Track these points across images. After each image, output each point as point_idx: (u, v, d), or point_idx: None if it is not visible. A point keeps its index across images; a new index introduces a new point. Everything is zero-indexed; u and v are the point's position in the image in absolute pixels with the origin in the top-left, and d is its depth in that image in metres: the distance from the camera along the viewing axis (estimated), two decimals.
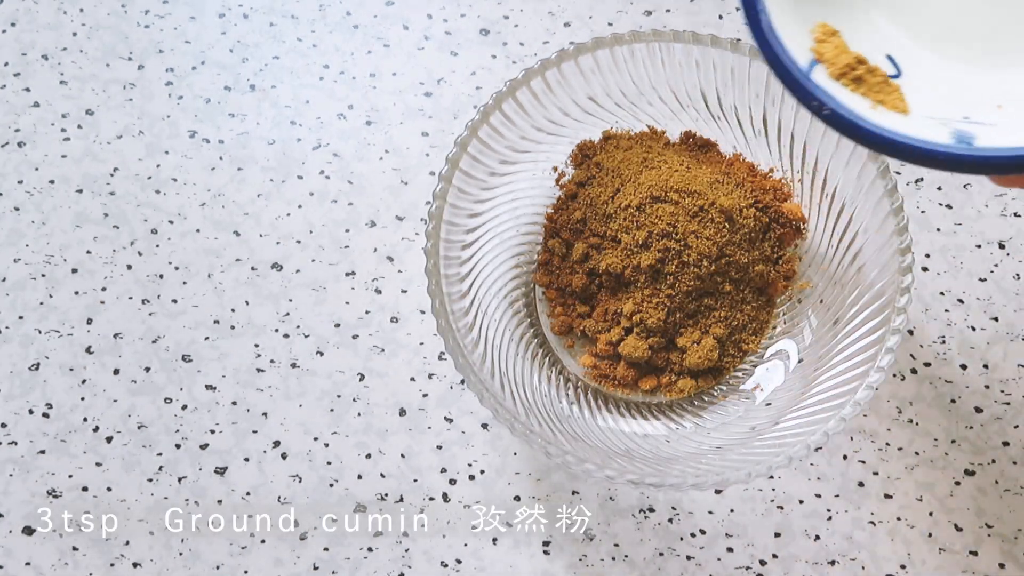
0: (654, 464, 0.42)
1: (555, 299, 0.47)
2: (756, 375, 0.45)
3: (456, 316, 0.43)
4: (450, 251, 0.44)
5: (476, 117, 0.44)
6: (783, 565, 0.44)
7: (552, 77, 0.45)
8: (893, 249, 0.41)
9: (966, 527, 0.45)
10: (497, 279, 0.46)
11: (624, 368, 0.45)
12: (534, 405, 0.44)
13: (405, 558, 0.45)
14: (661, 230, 0.44)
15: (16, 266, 0.49)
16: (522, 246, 0.48)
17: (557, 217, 0.47)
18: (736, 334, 0.45)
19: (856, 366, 0.41)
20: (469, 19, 0.54)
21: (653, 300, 0.44)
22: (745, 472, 0.39)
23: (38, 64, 0.53)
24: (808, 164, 0.46)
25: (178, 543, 0.45)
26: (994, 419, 0.47)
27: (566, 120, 0.47)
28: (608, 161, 0.46)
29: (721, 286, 0.44)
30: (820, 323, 0.45)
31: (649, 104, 0.47)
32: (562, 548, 0.45)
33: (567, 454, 0.40)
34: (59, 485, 0.46)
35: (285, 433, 0.47)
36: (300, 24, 0.54)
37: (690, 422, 0.45)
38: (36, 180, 0.51)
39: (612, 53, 0.45)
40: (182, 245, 0.50)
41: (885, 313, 0.41)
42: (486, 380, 0.42)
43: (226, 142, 0.52)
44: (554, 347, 0.47)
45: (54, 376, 0.48)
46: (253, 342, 0.48)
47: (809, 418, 0.41)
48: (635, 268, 0.44)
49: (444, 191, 0.43)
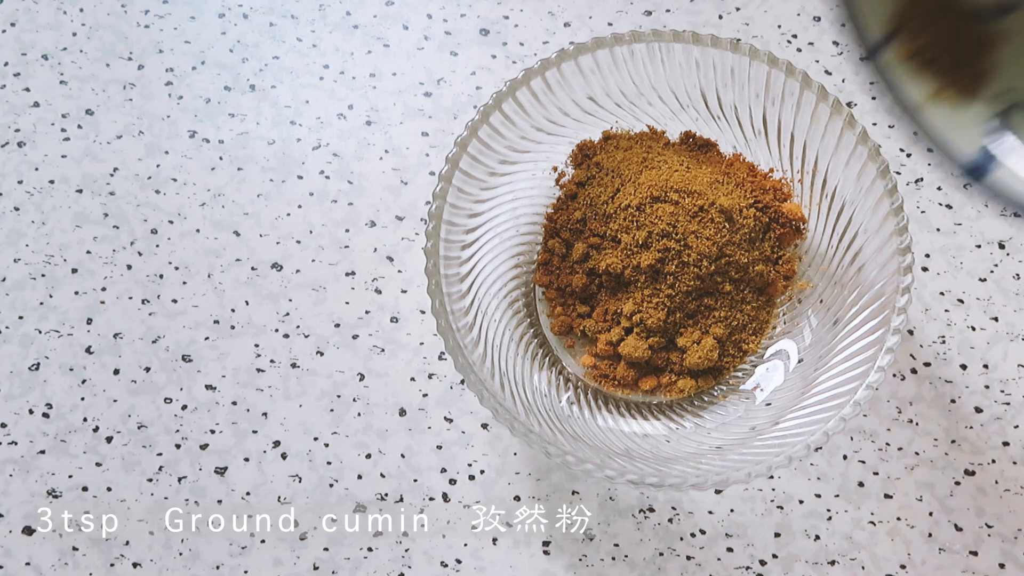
0: (654, 464, 0.42)
1: (555, 299, 0.47)
2: (756, 375, 0.45)
3: (456, 316, 0.43)
4: (450, 251, 0.44)
5: (476, 117, 0.44)
6: (783, 565, 0.44)
7: (552, 77, 0.45)
8: (893, 249, 0.41)
9: (966, 527, 0.45)
10: (497, 279, 0.46)
11: (624, 368, 0.45)
12: (534, 405, 0.44)
13: (405, 558, 0.45)
14: (661, 230, 0.44)
15: (16, 266, 0.49)
16: (522, 246, 0.48)
17: (557, 217, 0.47)
18: (736, 334, 0.45)
19: (856, 366, 0.41)
20: (469, 19, 0.54)
21: (653, 300, 0.44)
22: (745, 472, 0.39)
23: (38, 64, 0.53)
24: (808, 164, 0.46)
25: (178, 543, 0.45)
26: (994, 419, 0.47)
27: (566, 120, 0.47)
28: (608, 161, 0.46)
29: (721, 286, 0.44)
30: (820, 323, 0.45)
31: (649, 104, 0.47)
32: (562, 548, 0.45)
33: (567, 454, 0.40)
34: (59, 485, 0.46)
35: (285, 433, 0.47)
36: (300, 24, 0.54)
37: (690, 422, 0.45)
38: (36, 180, 0.51)
39: (612, 53, 0.45)
40: (182, 245, 0.50)
41: (885, 313, 0.41)
42: (486, 380, 0.42)
43: (226, 142, 0.52)
44: (554, 347, 0.47)
45: (54, 376, 0.48)
46: (253, 342, 0.48)
47: (809, 418, 0.41)
48: (635, 268, 0.44)
49: (444, 191, 0.43)
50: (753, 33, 0.54)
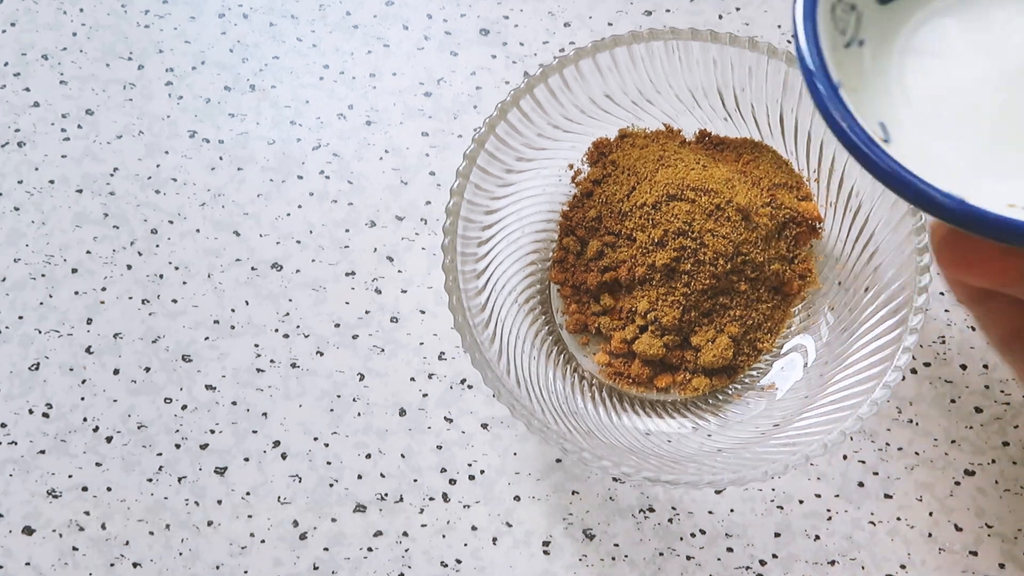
0: (669, 462, 0.41)
1: (570, 296, 0.47)
2: (771, 374, 0.45)
3: (472, 312, 0.43)
4: (467, 247, 0.44)
5: (494, 113, 0.44)
6: (783, 565, 0.44)
7: (570, 74, 0.45)
8: (911, 249, 0.41)
9: (966, 527, 0.45)
10: (512, 276, 0.46)
11: (639, 366, 0.45)
12: (549, 402, 0.43)
13: (405, 558, 0.45)
14: (677, 228, 0.43)
15: (16, 266, 0.49)
16: (537, 243, 0.47)
17: (572, 215, 0.47)
18: (751, 333, 0.45)
19: (873, 365, 0.41)
20: (469, 19, 0.54)
21: (668, 298, 0.44)
22: (762, 471, 0.39)
23: (38, 64, 0.53)
24: (825, 163, 0.46)
25: (178, 543, 0.45)
26: (994, 419, 0.47)
27: (583, 118, 0.47)
28: (624, 159, 0.46)
29: (736, 285, 0.44)
30: (836, 322, 0.45)
31: (665, 102, 0.47)
32: (562, 548, 0.45)
33: (583, 450, 0.40)
34: (59, 485, 0.46)
35: (285, 433, 0.47)
36: (300, 24, 0.54)
37: (704, 420, 0.45)
38: (36, 180, 0.51)
39: (630, 51, 0.45)
40: (182, 245, 0.50)
41: (902, 312, 0.41)
42: (502, 376, 0.42)
43: (226, 142, 0.52)
44: (568, 345, 0.47)
45: (54, 376, 0.48)
46: (253, 342, 0.48)
47: (825, 417, 0.41)
48: (650, 266, 0.44)
49: (462, 187, 0.43)
50: (753, 33, 0.54)
